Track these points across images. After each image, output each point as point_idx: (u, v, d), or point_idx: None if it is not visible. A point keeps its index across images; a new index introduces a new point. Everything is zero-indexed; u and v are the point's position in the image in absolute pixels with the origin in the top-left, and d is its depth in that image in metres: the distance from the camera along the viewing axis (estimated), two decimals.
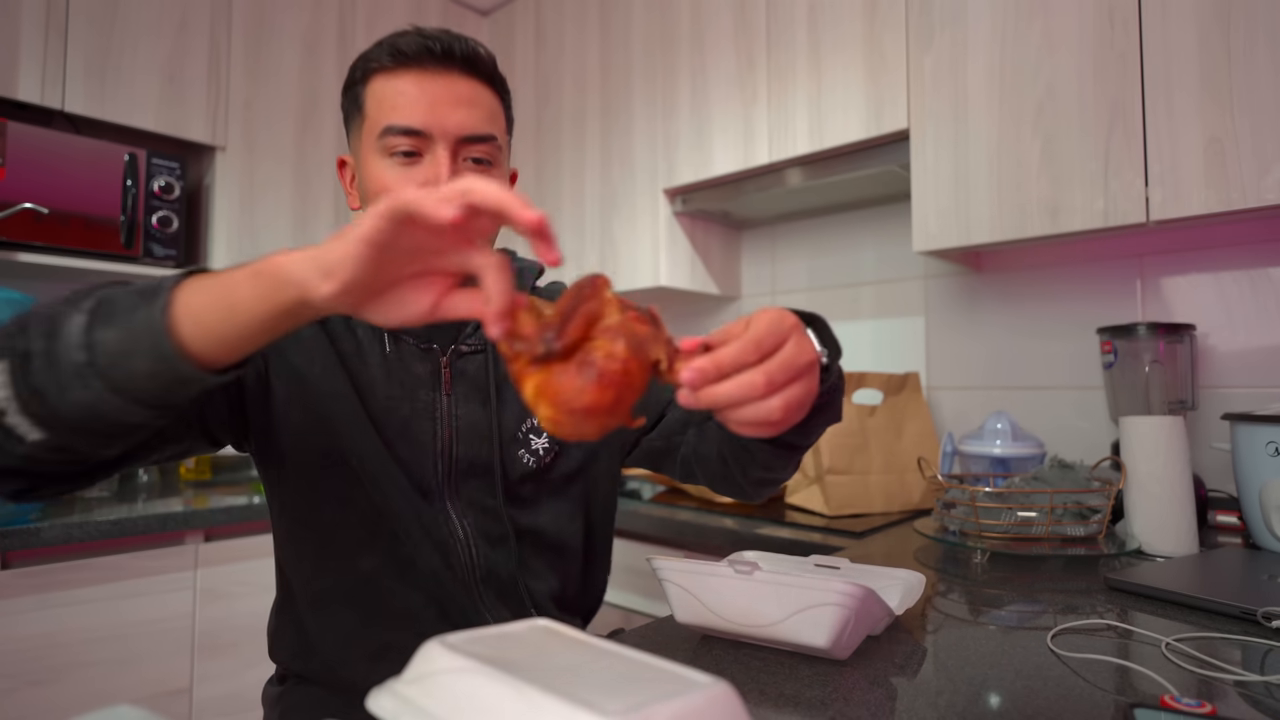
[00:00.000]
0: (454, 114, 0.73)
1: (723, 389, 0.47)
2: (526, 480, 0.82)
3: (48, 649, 1.29)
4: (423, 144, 0.72)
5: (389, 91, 0.73)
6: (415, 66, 0.73)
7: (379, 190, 0.73)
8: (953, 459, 1.58)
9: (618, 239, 2.07)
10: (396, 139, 0.72)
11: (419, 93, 0.72)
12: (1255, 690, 0.59)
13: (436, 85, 0.73)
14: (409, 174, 0.72)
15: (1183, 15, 1.18)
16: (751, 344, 0.47)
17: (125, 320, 0.47)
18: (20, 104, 1.59)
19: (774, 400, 0.47)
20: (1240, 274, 1.37)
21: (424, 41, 0.73)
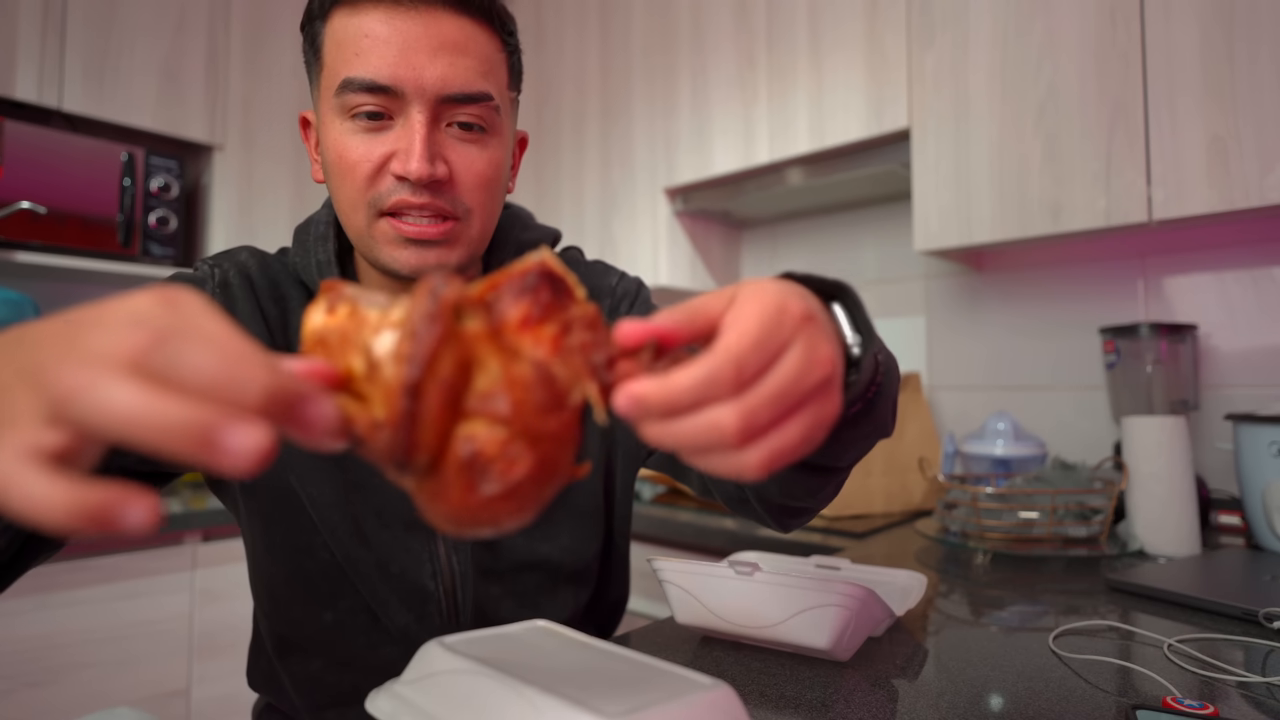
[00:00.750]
0: (433, 64, 0.56)
1: (678, 430, 0.31)
2: None
3: (46, 650, 1.29)
4: (393, 104, 0.57)
5: (349, 33, 0.56)
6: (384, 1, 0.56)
7: (339, 162, 0.58)
8: (954, 459, 1.58)
9: (618, 239, 2.06)
10: (357, 96, 0.56)
11: (389, 34, 0.55)
12: (1257, 691, 0.59)
13: (412, 25, 0.56)
14: (376, 144, 0.57)
15: (1185, 14, 1.18)
16: (730, 364, 0.30)
17: None
18: (18, 103, 1.59)
19: (751, 454, 0.31)
20: (1243, 273, 1.37)
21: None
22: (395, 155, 0.57)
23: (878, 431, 0.51)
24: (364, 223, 0.59)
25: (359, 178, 0.58)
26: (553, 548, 0.71)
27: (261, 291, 0.66)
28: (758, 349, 0.31)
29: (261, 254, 0.70)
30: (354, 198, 0.58)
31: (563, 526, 0.72)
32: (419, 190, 0.57)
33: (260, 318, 0.65)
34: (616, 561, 0.81)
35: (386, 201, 0.57)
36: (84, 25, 1.65)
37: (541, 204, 2.30)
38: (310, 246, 0.67)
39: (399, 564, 0.66)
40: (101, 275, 1.74)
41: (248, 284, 0.65)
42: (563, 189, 2.24)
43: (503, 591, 0.69)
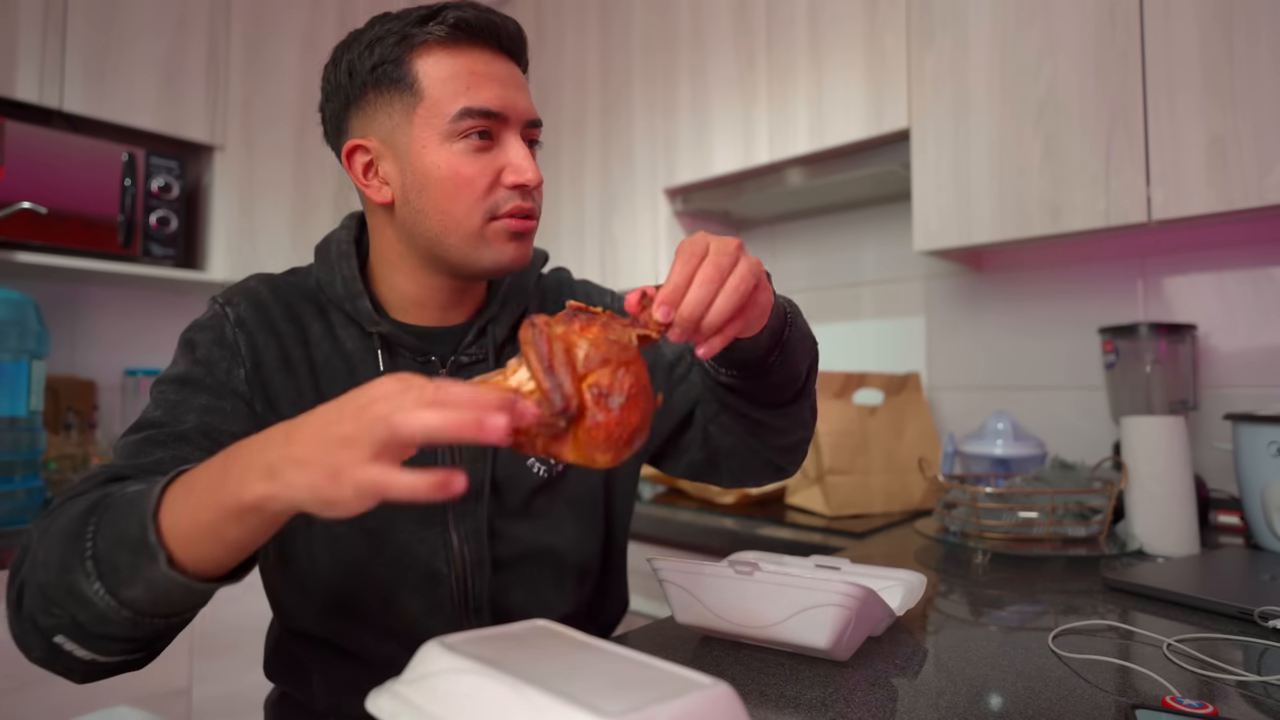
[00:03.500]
0: (521, 97, 0.69)
1: (691, 296, 0.51)
2: (538, 493, 0.75)
3: None
4: (496, 126, 0.67)
5: (458, 69, 0.66)
6: (478, 43, 0.67)
7: (454, 178, 0.66)
8: (953, 459, 1.58)
9: (618, 239, 2.07)
10: (475, 121, 0.66)
11: (489, 72, 0.67)
12: (1256, 691, 0.59)
13: (499, 66, 0.68)
14: (487, 161, 0.67)
15: (1184, 14, 1.18)
16: (691, 255, 0.53)
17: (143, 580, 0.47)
18: (19, 103, 1.59)
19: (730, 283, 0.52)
20: (1242, 274, 1.37)
21: (485, 16, 0.66)
22: (507, 169, 0.67)
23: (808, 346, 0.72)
24: (478, 225, 0.68)
25: (478, 190, 0.67)
26: (557, 538, 0.76)
27: (276, 314, 0.72)
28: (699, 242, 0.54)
29: (270, 278, 0.76)
30: (469, 207, 0.67)
31: (566, 519, 0.77)
32: (527, 195, 0.69)
33: (277, 339, 0.71)
34: (615, 564, 0.84)
35: (504, 207, 0.68)
36: (85, 25, 1.65)
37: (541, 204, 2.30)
38: (335, 263, 0.74)
39: (413, 555, 0.71)
40: (102, 275, 1.74)
41: (261, 311, 0.71)
42: (563, 189, 2.24)
43: (513, 580, 0.74)
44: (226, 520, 0.44)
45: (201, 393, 0.67)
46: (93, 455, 1.67)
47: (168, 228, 1.75)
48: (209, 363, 0.68)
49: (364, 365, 0.72)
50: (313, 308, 0.74)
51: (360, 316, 0.72)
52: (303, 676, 0.76)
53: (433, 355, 0.74)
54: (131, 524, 0.47)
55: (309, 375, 0.71)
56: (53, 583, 0.49)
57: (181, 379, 0.67)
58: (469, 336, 0.75)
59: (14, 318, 1.35)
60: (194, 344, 0.69)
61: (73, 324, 1.86)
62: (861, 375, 1.57)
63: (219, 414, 0.66)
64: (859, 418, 1.53)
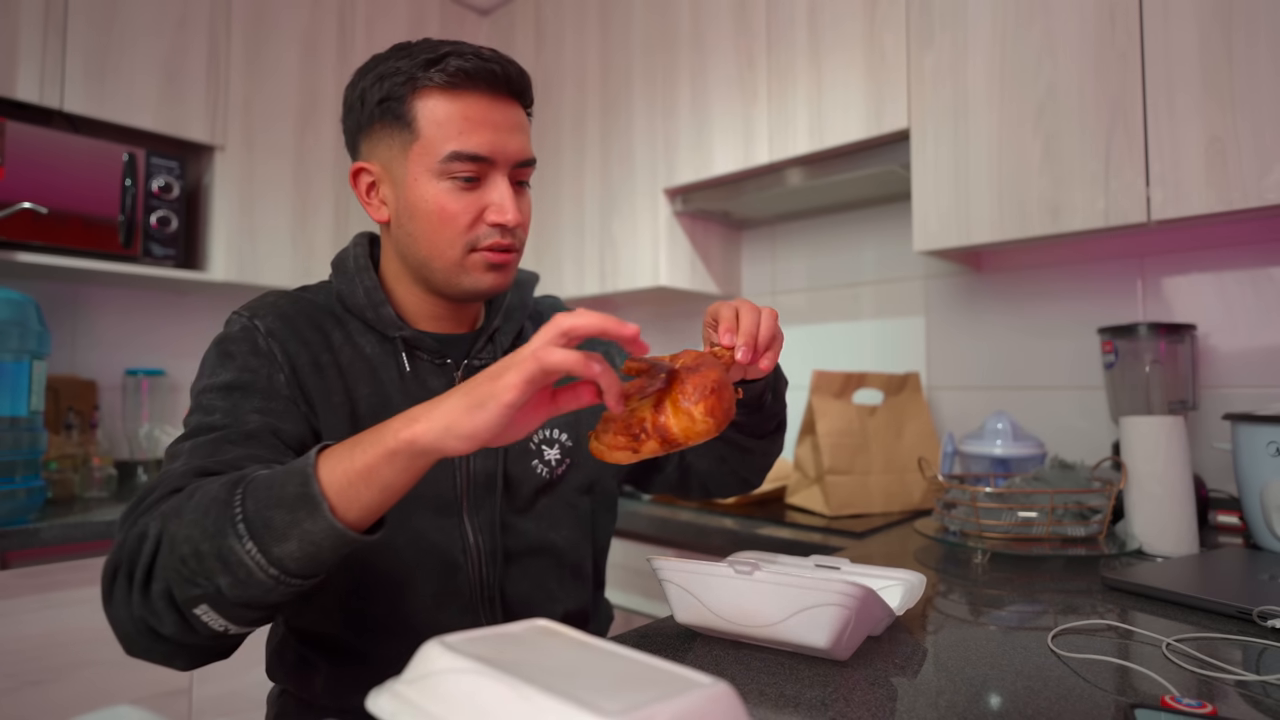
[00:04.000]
0: (512, 140, 0.74)
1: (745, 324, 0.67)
2: (541, 492, 0.82)
3: (48, 649, 1.29)
4: (483, 169, 0.73)
5: (453, 114, 0.71)
6: (474, 89, 0.72)
7: (440, 213, 0.73)
8: (953, 459, 1.58)
9: (618, 239, 2.07)
10: (463, 165, 0.72)
11: (483, 118, 0.72)
12: (1255, 690, 0.59)
13: (496, 111, 0.73)
14: (471, 199, 0.73)
15: (1183, 15, 1.18)
16: (729, 306, 0.70)
17: (298, 534, 0.52)
18: (19, 103, 1.59)
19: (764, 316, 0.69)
20: (1241, 274, 1.37)
21: (485, 64, 0.72)
22: (489, 208, 0.74)
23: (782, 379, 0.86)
24: (458, 256, 0.75)
25: (460, 225, 0.73)
26: (557, 536, 0.82)
27: (300, 324, 0.76)
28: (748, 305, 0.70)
29: (286, 293, 0.80)
30: (452, 239, 0.74)
31: (563, 520, 0.84)
32: (506, 233, 0.75)
33: (305, 345, 0.75)
34: (600, 574, 0.92)
35: (484, 242, 0.74)
36: (85, 26, 1.65)
37: (541, 204, 2.30)
38: (354, 276, 0.80)
39: (429, 542, 0.75)
40: (103, 275, 1.74)
41: (286, 321, 0.75)
42: (563, 189, 2.24)
43: (520, 573, 0.79)
44: (382, 462, 0.52)
45: (253, 396, 0.70)
46: (93, 455, 1.68)
47: (168, 228, 1.75)
48: (252, 369, 0.71)
49: (384, 368, 0.77)
50: (330, 318, 0.78)
51: (383, 324, 0.77)
52: (306, 677, 0.77)
53: (449, 358, 0.79)
54: (290, 484, 0.53)
55: (338, 377, 0.75)
56: (200, 552, 0.53)
57: (230, 385, 0.70)
58: (479, 343, 0.82)
59: (15, 318, 1.35)
60: (231, 354, 0.72)
61: (73, 324, 1.86)
62: (861, 375, 1.57)
63: (276, 415, 0.69)
64: (859, 418, 1.53)
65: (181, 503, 0.56)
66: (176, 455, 0.65)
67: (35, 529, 1.26)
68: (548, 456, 0.83)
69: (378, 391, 0.76)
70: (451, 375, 0.79)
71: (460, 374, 0.79)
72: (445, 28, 2.37)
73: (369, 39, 2.16)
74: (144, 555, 0.55)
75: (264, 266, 1.91)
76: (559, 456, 0.84)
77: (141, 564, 0.55)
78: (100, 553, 1.36)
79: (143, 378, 1.89)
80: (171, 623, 0.55)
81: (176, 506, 0.56)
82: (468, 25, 2.46)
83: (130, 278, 1.77)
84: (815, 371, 1.52)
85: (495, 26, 2.49)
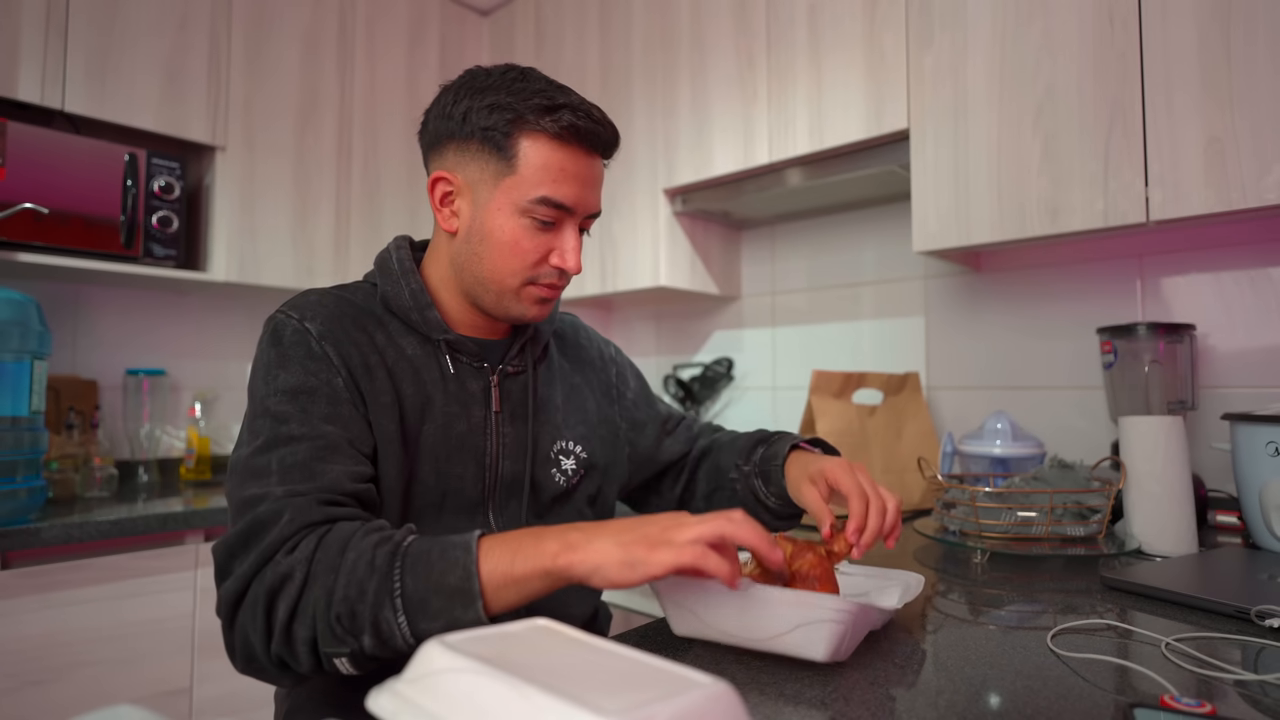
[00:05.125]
0: (593, 195, 0.79)
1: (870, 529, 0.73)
2: (557, 500, 0.86)
3: (48, 649, 1.29)
4: (561, 216, 0.77)
5: (553, 162, 0.75)
6: (580, 145, 0.76)
7: (513, 245, 0.76)
8: (952, 459, 1.58)
9: (618, 239, 2.07)
10: (548, 210, 0.75)
11: (577, 172, 0.76)
12: (1254, 690, 0.59)
13: (588, 168, 0.77)
14: (544, 240, 0.77)
15: (1182, 15, 1.18)
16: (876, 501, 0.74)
17: (448, 618, 0.58)
18: (20, 104, 1.59)
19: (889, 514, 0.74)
20: (1240, 274, 1.38)
21: (594, 126, 0.76)
22: (555, 251, 0.78)
23: None
24: (516, 286, 0.78)
25: (527, 261, 0.77)
26: None
27: (347, 325, 0.77)
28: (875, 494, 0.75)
29: (326, 291, 0.81)
30: (516, 271, 0.77)
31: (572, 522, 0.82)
32: (564, 275, 0.79)
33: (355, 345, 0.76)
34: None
35: (543, 280, 0.79)
36: (86, 26, 1.65)
37: None
38: (399, 278, 0.81)
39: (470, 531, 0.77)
40: (104, 276, 1.74)
41: (334, 322, 0.77)
42: None
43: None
44: (535, 577, 0.58)
45: (319, 401, 0.71)
46: (94, 455, 1.68)
47: (169, 228, 1.75)
48: (312, 373, 0.72)
49: (427, 369, 0.79)
50: (371, 319, 0.80)
51: (429, 326, 0.80)
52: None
53: (486, 363, 0.83)
54: (451, 574, 0.58)
55: (386, 377, 0.76)
56: (356, 613, 0.58)
57: (295, 390, 0.71)
58: (514, 350, 0.85)
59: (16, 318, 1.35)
60: (289, 357, 0.73)
61: (74, 324, 1.86)
62: (861, 375, 1.57)
63: (343, 422, 0.72)
64: (858, 417, 1.53)
65: (334, 557, 0.60)
66: (263, 471, 0.67)
67: (36, 529, 1.26)
68: (565, 466, 0.86)
69: (420, 391, 0.78)
70: (487, 379, 0.82)
71: (495, 378, 0.83)
72: (445, 28, 2.37)
73: (369, 39, 2.16)
74: (287, 598, 0.60)
75: (264, 266, 1.91)
76: (574, 467, 0.87)
77: (284, 606, 0.60)
78: (101, 553, 1.36)
79: (144, 377, 1.90)
80: (309, 665, 0.61)
81: (329, 560, 0.60)
82: (468, 25, 2.46)
83: (131, 278, 1.78)
84: (815, 371, 1.52)
85: (495, 26, 2.49)
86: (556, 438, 0.86)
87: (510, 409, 0.83)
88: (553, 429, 0.86)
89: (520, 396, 0.84)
